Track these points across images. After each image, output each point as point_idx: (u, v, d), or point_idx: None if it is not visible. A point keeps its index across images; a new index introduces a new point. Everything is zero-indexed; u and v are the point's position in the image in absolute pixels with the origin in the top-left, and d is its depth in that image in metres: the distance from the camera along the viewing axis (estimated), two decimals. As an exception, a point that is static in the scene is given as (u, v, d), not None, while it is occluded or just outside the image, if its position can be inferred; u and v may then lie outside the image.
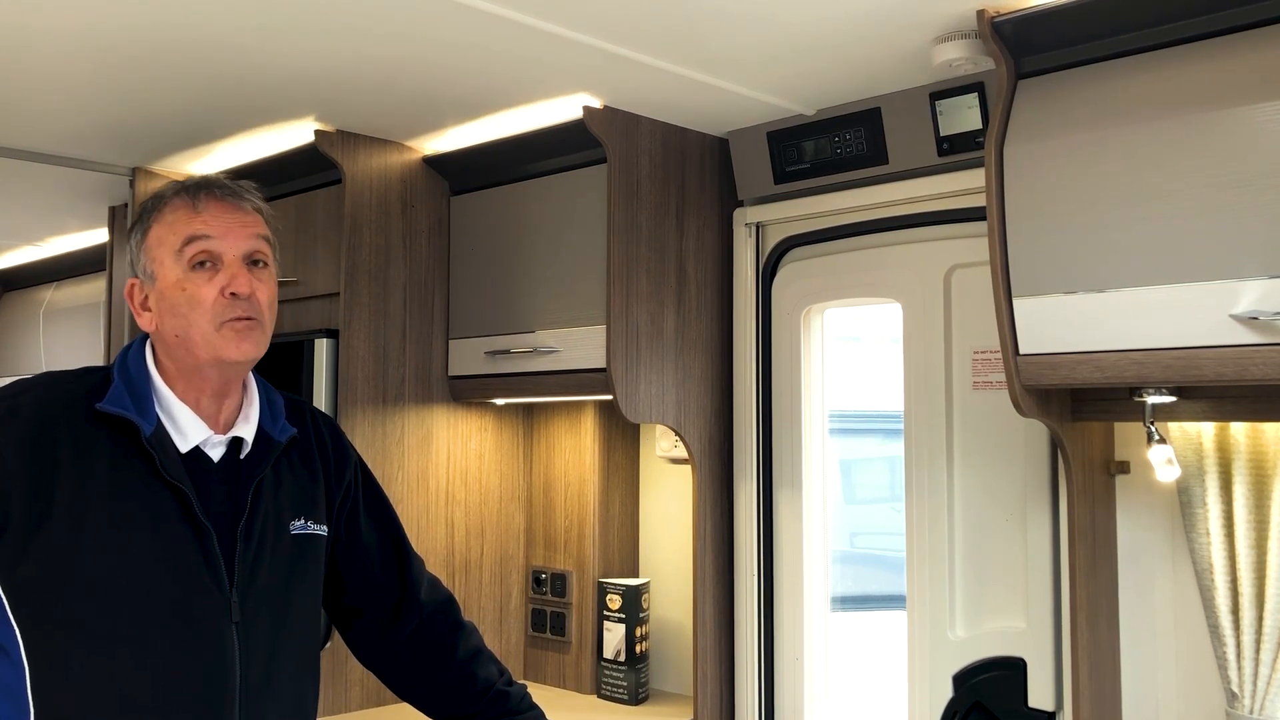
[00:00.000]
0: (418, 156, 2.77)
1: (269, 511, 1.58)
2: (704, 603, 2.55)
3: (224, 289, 1.51)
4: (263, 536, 1.55)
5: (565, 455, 2.97)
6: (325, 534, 1.67)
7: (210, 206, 1.55)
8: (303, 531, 1.62)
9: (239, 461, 1.57)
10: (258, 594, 1.52)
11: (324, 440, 1.72)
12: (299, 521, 1.61)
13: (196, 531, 1.48)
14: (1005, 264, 1.86)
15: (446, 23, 1.93)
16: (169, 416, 1.52)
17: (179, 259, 1.52)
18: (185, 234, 1.53)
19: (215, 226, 1.53)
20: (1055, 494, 2.17)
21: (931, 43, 2.00)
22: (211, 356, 1.51)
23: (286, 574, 1.58)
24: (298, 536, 1.61)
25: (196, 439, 1.53)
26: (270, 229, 1.61)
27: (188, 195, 1.56)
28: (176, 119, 2.56)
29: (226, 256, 1.53)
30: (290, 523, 1.60)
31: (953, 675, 2.29)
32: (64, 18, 1.93)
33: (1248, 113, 1.64)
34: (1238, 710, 1.96)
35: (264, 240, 1.58)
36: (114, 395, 1.49)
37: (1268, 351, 1.61)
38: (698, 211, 2.59)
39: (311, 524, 1.64)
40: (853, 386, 2.79)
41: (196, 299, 1.51)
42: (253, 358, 1.55)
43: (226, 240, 1.53)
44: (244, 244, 1.55)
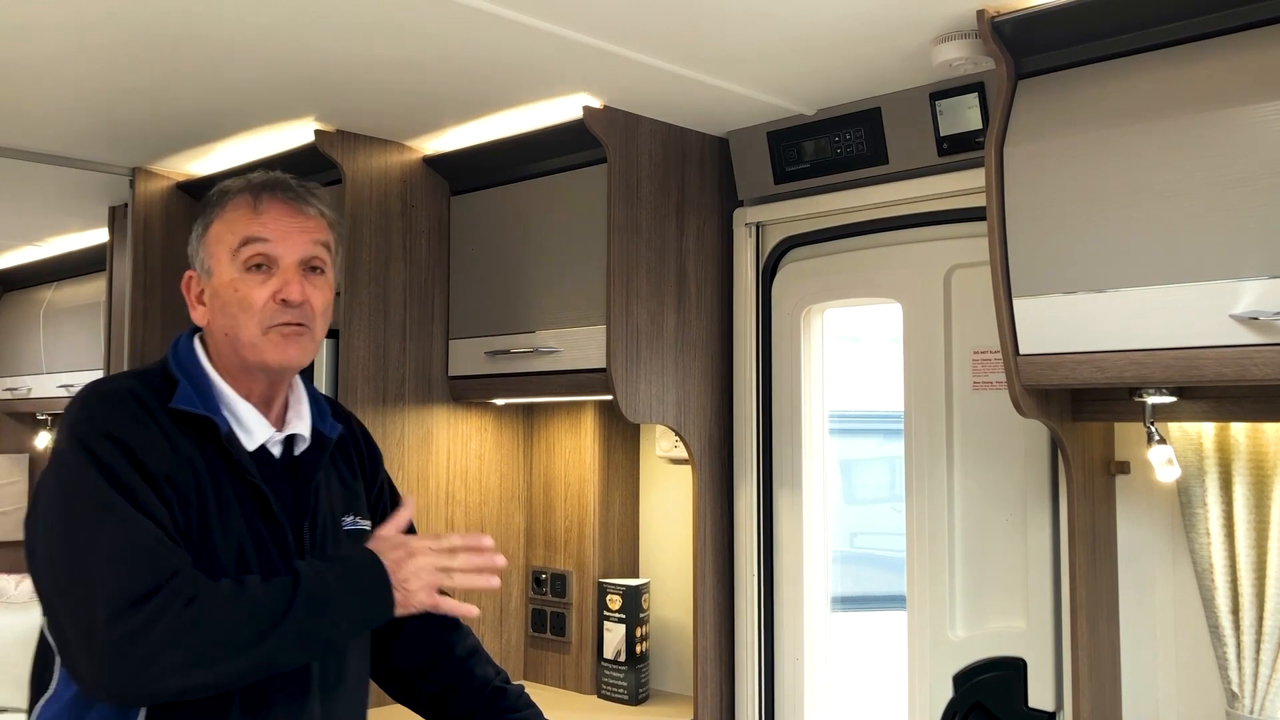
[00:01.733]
0: (418, 156, 2.77)
1: (326, 508, 1.59)
2: (704, 603, 2.55)
3: (276, 294, 1.50)
4: (324, 533, 1.57)
5: (565, 455, 2.97)
6: (369, 530, 1.65)
7: (271, 208, 1.54)
8: (353, 527, 1.63)
9: (294, 459, 1.58)
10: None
11: (358, 438, 1.74)
12: (349, 518, 1.64)
13: (273, 529, 1.50)
14: (1005, 264, 1.86)
15: (446, 23, 1.93)
16: (232, 414, 1.52)
17: (235, 259, 1.52)
18: (243, 234, 1.52)
19: (274, 229, 1.52)
20: (1055, 494, 2.17)
21: (931, 43, 2.00)
22: (256, 360, 1.51)
23: None
24: (350, 532, 1.62)
25: (262, 437, 1.53)
26: (333, 234, 1.60)
27: (251, 194, 1.55)
28: (176, 119, 2.56)
29: (283, 261, 1.52)
30: (342, 519, 1.63)
31: (953, 675, 2.29)
32: (64, 18, 1.93)
33: (1248, 113, 1.64)
34: (1238, 710, 1.96)
35: (323, 246, 1.56)
36: (184, 394, 1.48)
37: (1268, 351, 1.61)
38: (698, 211, 2.59)
39: (359, 520, 1.65)
40: (853, 386, 2.79)
41: (248, 301, 1.50)
42: (297, 363, 1.54)
43: (283, 244, 1.52)
44: (301, 249, 1.53)
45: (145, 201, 3.05)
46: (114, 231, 3.40)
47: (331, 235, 1.60)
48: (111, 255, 3.39)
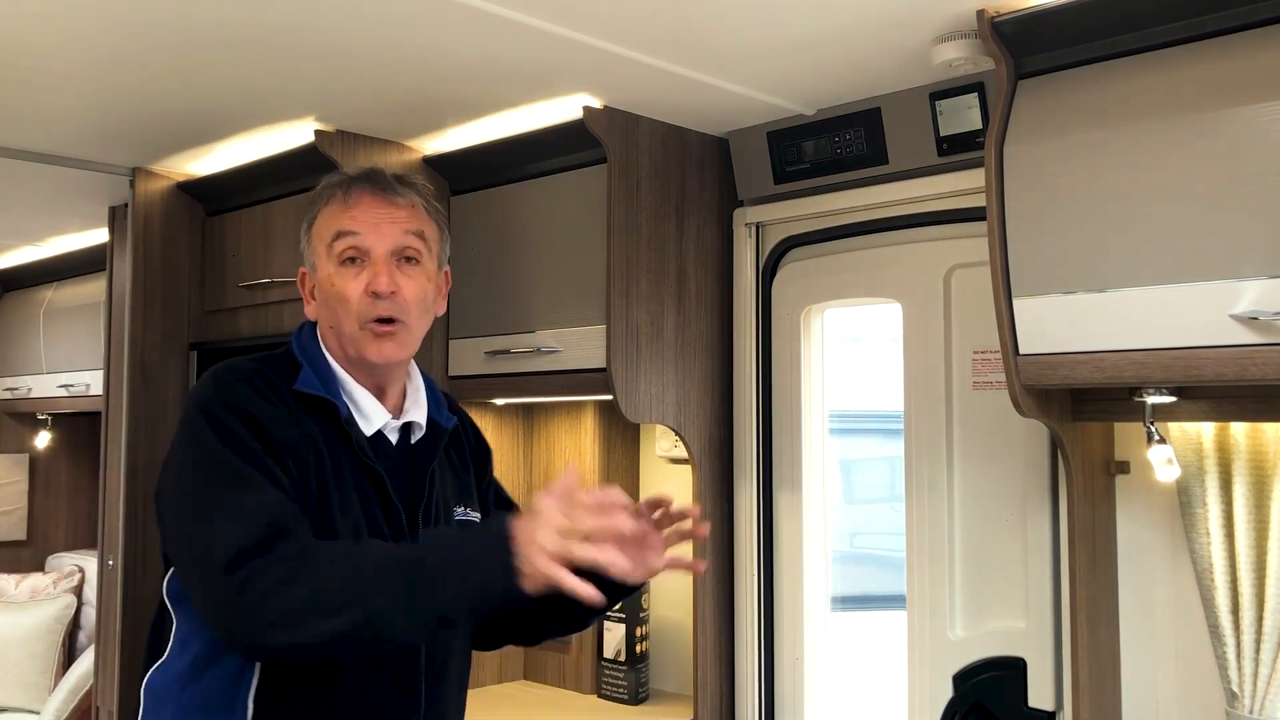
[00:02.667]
0: (418, 156, 2.77)
1: (440, 497, 1.62)
2: (704, 603, 2.55)
3: (367, 287, 1.53)
4: (437, 520, 1.60)
5: (565, 455, 2.97)
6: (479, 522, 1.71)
7: (361, 200, 1.56)
8: (464, 518, 1.66)
9: (410, 447, 1.61)
10: None
11: (469, 431, 1.77)
12: (460, 508, 1.66)
13: (388, 512, 1.52)
14: (1005, 264, 1.86)
15: (446, 23, 1.93)
16: (350, 399, 1.56)
17: (330, 253, 1.55)
18: (335, 228, 1.55)
19: (363, 222, 1.55)
20: (1055, 494, 2.17)
21: (931, 43, 2.00)
22: (357, 354, 1.55)
23: None
24: (461, 522, 1.65)
25: (379, 423, 1.57)
26: (432, 221, 1.61)
27: (342, 189, 1.58)
28: (176, 119, 2.56)
29: (374, 253, 1.54)
30: (454, 508, 1.65)
31: (953, 675, 2.29)
32: (64, 18, 1.93)
33: (1248, 113, 1.64)
34: (1238, 710, 1.96)
35: (415, 235, 1.57)
36: (306, 377, 1.53)
37: (1268, 351, 1.61)
38: (698, 211, 2.59)
39: (470, 510, 1.68)
40: (853, 386, 2.79)
41: (344, 295, 1.53)
42: (394, 360, 1.56)
43: (373, 236, 1.54)
44: (391, 240, 1.55)
45: (145, 201, 3.05)
46: (114, 231, 3.40)
47: (430, 223, 1.60)
48: (111, 255, 3.39)
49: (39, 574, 4.33)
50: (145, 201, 3.05)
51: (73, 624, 4.21)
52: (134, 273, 3.06)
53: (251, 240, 2.94)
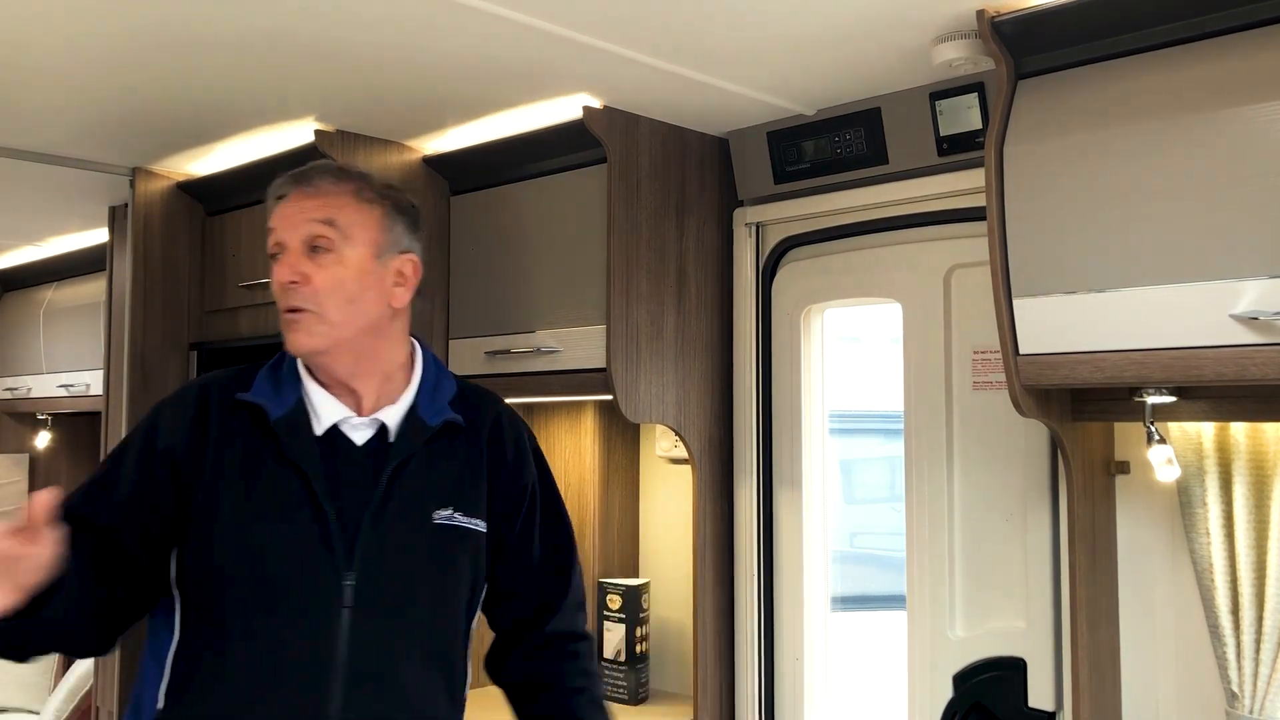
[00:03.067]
0: (418, 156, 2.77)
1: (410, 497, 1.56)
2: (704, 603, 2.55)
3: (279, 280, 1.55)
4: (396, 522, 1.53)
5: (565, 455, 2.97)
6: (481, 529, 1.61)
7: (286, 196, 1.57)
8: (448, 522, 1.58)
9: (386, 445, 1.57)
10: (380, 580, 1.50)
11: (502, 439, 1.68)
12: (445, 511, 1.58)
13: (316, 514, 1.50)
14: (1005, 264, 1.86)
15: (446, 22, 1.93)
16: (309, 400, 1.56)
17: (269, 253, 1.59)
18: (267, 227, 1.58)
19: (279, 217, 1.56)
20: (1055, 494, 2.17)
21: (931, 43, 2.00)
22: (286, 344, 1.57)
23: (421, 563, 1.55)
24: (442, 526, 1.57)
25: (331, 419, 1.56)
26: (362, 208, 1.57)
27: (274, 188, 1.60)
28: (176, 119, 2.56)
29: (289, 245, 1.55)
30: (435, 511, 1.57)
31: (953, 675, 2.29)
32: (64, 18, 1.93)
33: (1248, 113, 1.64)
34: (1238, 710, 1.96)
35: (323, 223, 1.54)
36: (256, 384, 1.56)
37: (1268, 351, 1.61)
38: (698, 211, 2.59)
39: (460, 516, 1.59)
40: (853, 386, 2.79)
41: (273, 290, 1.56)
42: (306, 350, 1.55)
43: (286, 229, 1.55)
44: (299, 230, 1.54)
45: (145, 201, 3.05)
46: (114, 231, 3.40)
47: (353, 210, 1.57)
48: (111, 255, 3.39)
49: (39, 574, 4.32)
50: (145, 201, 3.05)
51: (73, 624, 4.20)
52: (134, 273, 3.06)
53: (251, 240, 2.94)
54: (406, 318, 1.66)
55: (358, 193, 1.58)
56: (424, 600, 1.56)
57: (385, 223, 1.59)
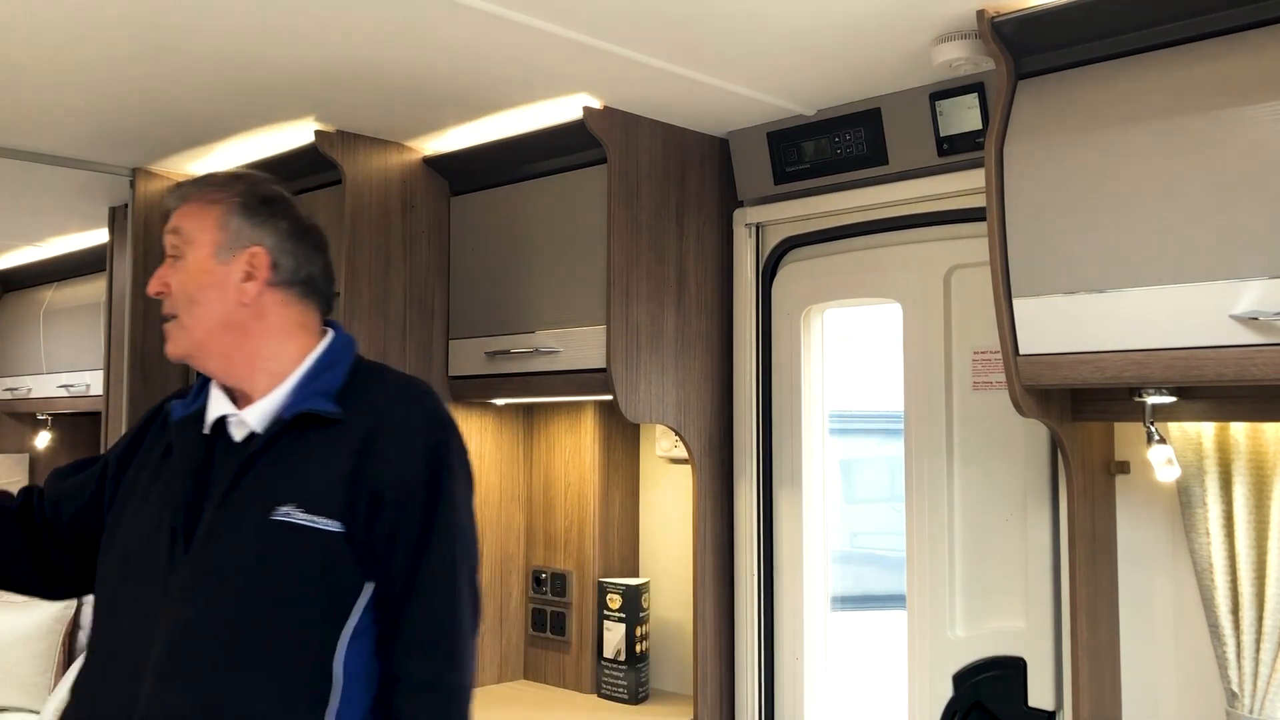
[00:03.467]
0: (418, 156, 2.77)
1: (254, 493, 1.49)
2: (704, 603, 2.55)
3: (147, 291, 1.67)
4: (229, 517, 1.48)
5: (565, 455, 2.97)
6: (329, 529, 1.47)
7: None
8: (285, 519, 1.46)
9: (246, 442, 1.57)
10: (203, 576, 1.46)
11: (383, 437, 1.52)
12: (285, 508, 1.47)
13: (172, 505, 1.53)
14: (1005, 264, 1.86)
15: (446, 23, 1.93)
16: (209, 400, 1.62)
17: None
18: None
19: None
20: (1055, 494, 2.17)
21: (931, 43, 2.00)
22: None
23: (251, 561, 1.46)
24: (280, 524, 1.46)
25: (214, 416, 1.59)
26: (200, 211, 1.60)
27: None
28: (176, 119, 2.56)
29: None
30: (276, 508, 1.47)
31: (953, 675, 2.29)
32: (64, 19, 1.93)
33: (1248, 113, 1.64)
34: (1238, 710, 1.96)
35: (171, 233, 1.63)
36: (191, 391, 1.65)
37: (1268, 351, 1.61)
38: (698, 211, 2.59)
39: (302, 514, 1.46)
40: (853, 386, 2.79)
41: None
42: (174, 356, 1.62)
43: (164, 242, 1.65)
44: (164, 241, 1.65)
45: (145, 202, 3.05)
46: (114, 232, 3.40)
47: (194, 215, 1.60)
48: (111, 255, 3.39)
49: (39, 574, 4.32)
50: (145, 202, 3.05)
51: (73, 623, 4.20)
52: (134, 273, 3.06)
53: (251, 240, 2.94)
54: (284, 312, 1.60)
55: (203, 196, 1.60)
56: (253, 603, 1.45)
57: (223, 220, 1.59)
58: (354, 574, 1.48)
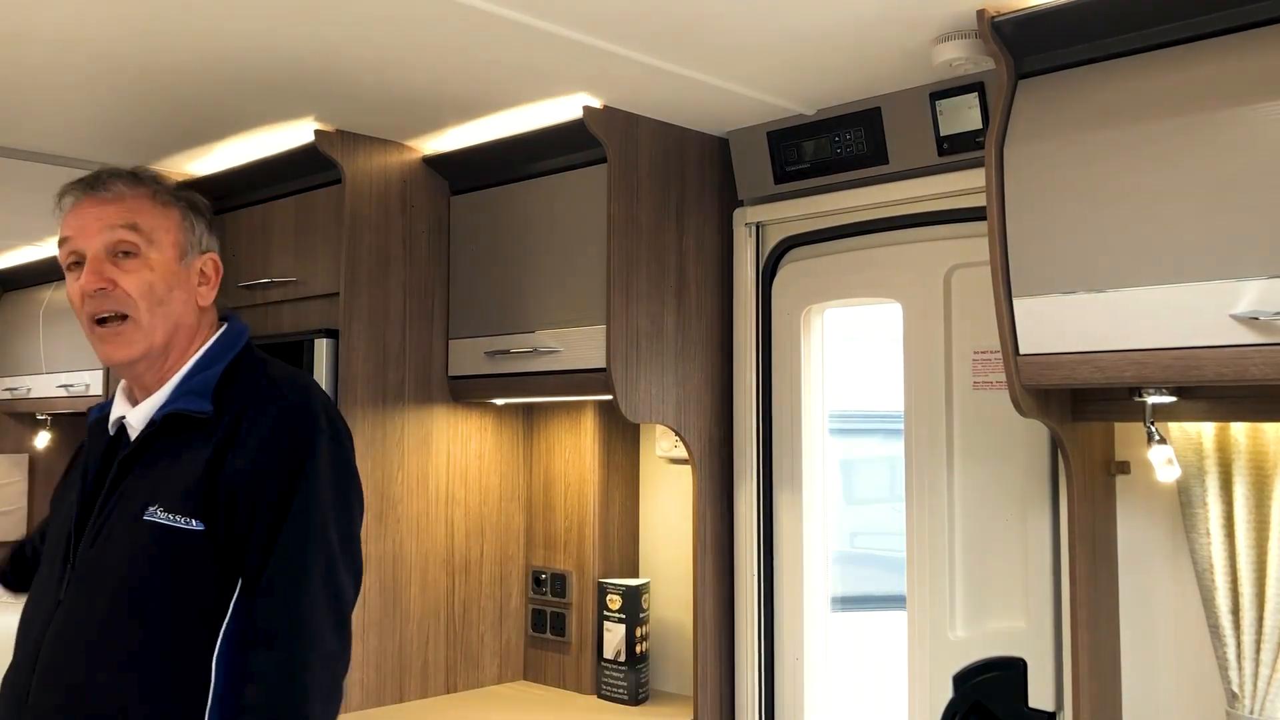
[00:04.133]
0: (418, 156, 2.77)
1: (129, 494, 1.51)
2: (704, 603, 2.55)
3: (83, 289, 1.53)
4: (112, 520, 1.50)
5: (565, 455, 2.97)
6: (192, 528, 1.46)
7: (77, 205, 1.56)
8: (153, 519, 1.47)
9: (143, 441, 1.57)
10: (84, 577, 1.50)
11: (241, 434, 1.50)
12: (152, 508, 1.47)
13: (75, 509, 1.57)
14: (1005, 264, 1.86)
15: (446, 23, 1.93)
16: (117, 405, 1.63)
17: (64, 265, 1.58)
18: (60, 237, 1.56)
19: (74, 226, 1.55)
20: (1055, 494, 2.17)
21: (931, 43, 2.00)
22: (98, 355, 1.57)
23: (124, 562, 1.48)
24: (149, 524, 1.47)
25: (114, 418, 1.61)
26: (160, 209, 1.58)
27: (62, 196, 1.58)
28: (176, 119, 2.56)
29: (88, 253, 1.54)
30: (146, 508, 1.48)
31: (953, 675, 2.29)
32: (64, 18, 1.93)
33: (1248, 113, 1.64)
34: (1238, 710, 1.96)
35: (126, 228, 1.54)
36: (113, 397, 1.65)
37: (1268, 351, 1.61)
38: (698, 211, 2.59)
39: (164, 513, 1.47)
40: (853, 386, 2.79)
41: (71, 300, 1.55)
42: (121, 359, 1.54)
43: (84, 238, 1.54)
44: (99, 238, 1.53)
45: (145, 201, 3.05)
46: (114, 231, 3.39)
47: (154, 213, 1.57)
48: (111, 255, 3.39)
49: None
50: (145, 201, 3.05)
51: (73, 624, 4.21)
52: (134, 273, 3.05)
53: (251, 240, 2.94)
54: (213, 316, 1.66)
55: (154, 195, 1.59)
56: (122, 601, 1.46)
57: (185, 223, 1.60)
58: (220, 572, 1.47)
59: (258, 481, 1.48)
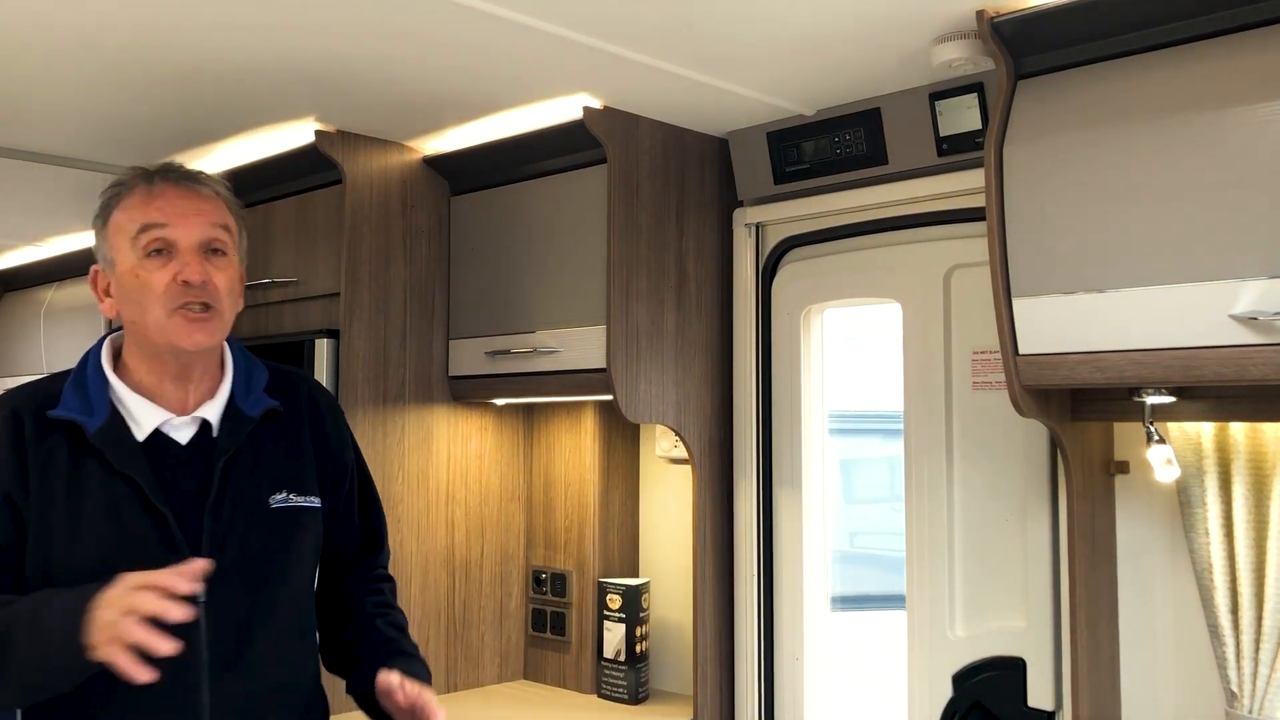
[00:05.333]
0: (418, 156, 2.77)
1: (244, 487, 1.58)
2: (704, 603, 2.55)
3: (176, 276, 1.53)
4: (235, 512, 1.56)
5: (565, 455, 2.97)
6: (317, 506, 1.67)
7: (165, 193, 1.57)
8: (284, 505, 1.61)
9: (211, 440, 1.58)
10: (227, 569, 1.52)
11: (320, 418, 1.73)
12: (280, 495, 1.61)
13: (153, 518, 1.50)
14: (1005, 264, 1.87)
15: (446, 23, 1.93)
16: (124, 407, 1.56)
17: (134, 246, 1.56)
18: (141, 221, 1.56)
19: (169, 214, 1.56)
20: (1055, 494, 2.17)
21: (931, 43, 2.00)
22: (165, 343, 1.54)
23: (267, 547, 1.59)
24: (280, 509, 1.61)
25: (152, 425, 1.56)
26: (233, 216, 1.63)
27: (144, 182, 1.59)
28: (176, 119, 2.56)
29: (182, 244, 1.55)
30: (270, 496, 1.61)
31: (953, 675, 2.29)
32: (64, 18, 1.93)
33: (1248, 113, 1.64)
34: (1237, 710, 1.96)
35: (222, 229, 1.59)
36: (64, 400, 1.54)
37: (1268, 351, 1.61)
38: (698, 211, 2.60)
39: (295, 497, 1.63)
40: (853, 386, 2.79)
41: (149, 286, 1.54)
42: (204, 346, 1.56)
43: (180, 228, 1.55)
44: (199, 232, 1.56)
45: (145, 201, 3.04)
46: (114, 231, 3.39)
47: (232, 218, 1.63)
48: (111, 255, 3.39)
49: (39, 574, 4.32)
50: (145, 201, 3.04)
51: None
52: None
53: (251, 240, 2.90)
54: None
55: (230, 201, 1.65)
56: (275, 581, 1.60)
57: (243, 234, 1.68)
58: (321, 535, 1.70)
59: (340, 449, 1.75)
